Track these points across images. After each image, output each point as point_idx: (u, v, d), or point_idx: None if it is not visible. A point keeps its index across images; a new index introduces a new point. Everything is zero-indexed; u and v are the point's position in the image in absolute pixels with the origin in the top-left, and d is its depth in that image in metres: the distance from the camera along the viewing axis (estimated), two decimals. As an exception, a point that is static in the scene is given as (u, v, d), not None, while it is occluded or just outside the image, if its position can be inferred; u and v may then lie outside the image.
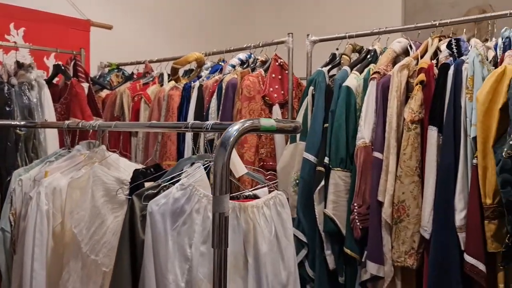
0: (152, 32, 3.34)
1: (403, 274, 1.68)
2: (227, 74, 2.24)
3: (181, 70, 2.61)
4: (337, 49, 2.08)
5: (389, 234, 1.67)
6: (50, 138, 2.20)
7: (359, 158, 1.73)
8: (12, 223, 1.54)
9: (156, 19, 3.39)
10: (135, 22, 3.28)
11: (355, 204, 1.72)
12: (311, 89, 1.95)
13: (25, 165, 1.99)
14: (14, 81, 2.23)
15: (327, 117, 1.86)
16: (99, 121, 1.82)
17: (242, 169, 1.20)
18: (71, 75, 2.51)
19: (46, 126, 2.13)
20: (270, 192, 1.33)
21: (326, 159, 1.81)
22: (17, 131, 2.11)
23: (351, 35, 2.02)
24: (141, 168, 1.36)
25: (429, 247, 1.58)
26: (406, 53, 1.85)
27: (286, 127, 0.95)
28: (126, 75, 2.95)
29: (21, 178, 1.51)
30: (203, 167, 1.22)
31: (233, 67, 2.31)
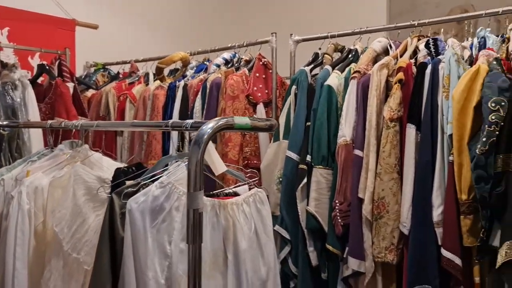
0: (138, 31, 3.35)
1: (384, 269, 1.71)
2: (212, 73, 2.26)
3: (167, 69, 2.62)
4: (319, 49, 2.11)
5: (369, 230, 1.70)
6: (34, 138, 2.20)
7: (340, 156, 1.76)
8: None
9: (141, 18, 3.40)
10: (121, 21, 3.28)
11: (337, 201, 1.75)
12: (294, 88, 1.98)
13: (9, 165, 1.99)
14: (-3, 81, 2.23)
15: (309, 115, 1.89)
16: (81, 120, 1.83)
17: (221, 167, 1.22)
18: (56, 74, 2.51)
19: (29, 126, 2.13)
20: (250, 189, 1.35)
21: (308, 157, 1.84)
22: (1, 131, 2.11)
23: (333, 34, 2.05)
24: (123, 166, 1.37)
25: (408, 243, 1.62)
26: (386, 52, 1.89)
27: (261, 125, 0.97)
28: (112, 75, 2.95)
29: (3, 177, 1.51)
30: (184, 165, 1.24)
31: (218, 66, 2.33)
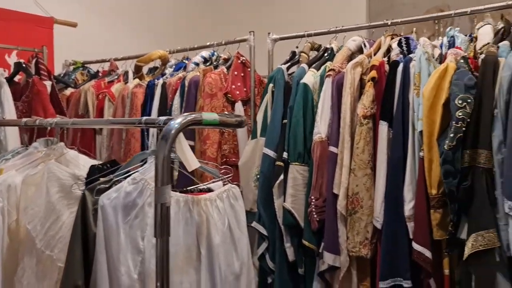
0: (117, 29, 3.33)
1: (358, 263, 1.75)
2: (190, 71, 2.27)
3: (146, 67, 2.63)
4: (297, 47, 2.14)
5: (344, 225, 1.73)
6: (10, 137, 2.17)
7: (315, 152, 1.79)
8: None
9: (121, 16, 3.38)
10: (100, 19, 3.26)
11: (312, 197, 1.78)
12: (271, 86, 2.00)
13: (-16, 164, 1.97)
14: (-28, 79, 2.20)
15: (286, 113, 1.92)
16: (57, 118, 1.82)
17: (194, 163, 1.23)
18: (33, 73, 2.48)
19: (3, 123, 2.11)
20: (224, 185, 1.37)
21: (285, 154, 1.87)
22: (-24, 129, 2.09)
23: (309, 33, 2.08)
24: (98, 164, 1.37)
25: (381, 237, 1.65)
26: (360, 51, 1.92)
27: (230, 121, 0.99)
28: (91, 73, 2.94)
29: (-23, 176, 1.50)
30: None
31: (197, 64, 2.34)
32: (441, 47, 1.67)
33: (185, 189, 1.35)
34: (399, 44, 1.74)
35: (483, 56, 1.47)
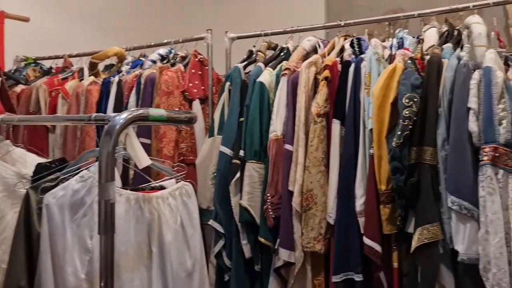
0: (72, 25, 3.23)
1: (313, 259, 1.78)
2: (147, 69, 2.24)
3: (102, 65, 2.57)
4: (254, 46, 2.16)
5: (299, 221, 1.76)
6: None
7: (271, 150, 1.81)
8: None
9: (76, 12, 3.28)
10: (54, 14, 3.15)
11: (268, 194, 1.80)
12: (228, 84, 2.01)
13: None
14: None
15: (243, 111, 1.93)
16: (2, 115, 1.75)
17: (145, 160, 1.22)
18: (-19, 68, 2.38)
19: None
20: (177, 183, 1.36)
21: (241, 152, 1.88)
22: None
23: (266, 33, 2.10)
24: (45, 162, 1.34)
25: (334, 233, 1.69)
26: (315, 51, 1.96)
27: (179, 117, 0.98)
28: (44, 70, 2.84)
29: None
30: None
31: (154, 62, 2.31)
32: (390, 48, 1.73)
33: (136, 187, 1.33)
34: (351, 44, 1.79)
35: (428, 57, 1.53)
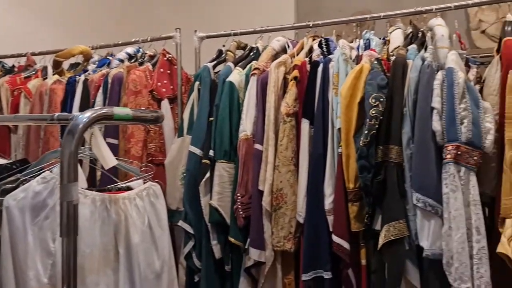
0: (35, 22, 3.12)
1: (283, 258, 1.79)
2: (114, 68, 2.20)
3: (67, 63, 2.50)
4: (223, 46, 2.15)
5: (269, 221, 1.77)
6: None
7: (241, 150, 1.81)
8: None
9: (40, 9, 3.17)
10: (17, 10, 3.04)
11: (238, 194, 1.80)
12: (197, 84, 1.99)
13: None
14: None
15: (212, 111, 1.92)
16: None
17: (112, 161, 1.20)
18: None
19: None
20: (145, 183, 1.34)
21: (211, 152, 1.87)
22: None
23: (236, 32, 2.10)
24: (5, 163, 1.29)
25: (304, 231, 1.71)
26: (284, 51, 1.97)
27: (145, 116, 0.97)
28: (6, 68, 2.74)
29: None
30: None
31: (121, 61, 2.27)
32: (357, 49, 1.76)
33: (103, 188, 1.31)
34: (320, 45, 1.81)
35: (394, 58, 1.57)
